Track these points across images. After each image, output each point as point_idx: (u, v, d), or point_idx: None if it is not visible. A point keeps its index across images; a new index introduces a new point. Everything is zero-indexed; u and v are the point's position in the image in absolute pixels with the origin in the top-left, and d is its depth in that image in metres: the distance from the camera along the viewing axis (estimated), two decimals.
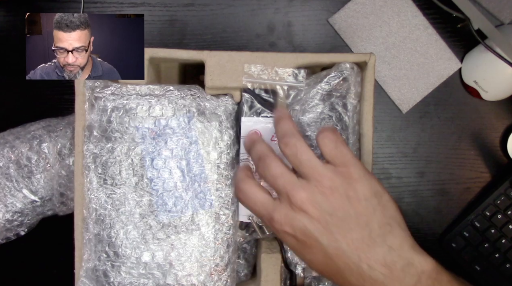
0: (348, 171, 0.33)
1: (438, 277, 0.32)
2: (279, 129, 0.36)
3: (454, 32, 0.56)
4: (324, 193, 0.33)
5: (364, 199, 0.33)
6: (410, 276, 0.32)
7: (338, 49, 0.55)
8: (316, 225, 0.32)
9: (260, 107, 0.42)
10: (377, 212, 0.33)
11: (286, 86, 0.41)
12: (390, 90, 0.55)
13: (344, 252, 0.32)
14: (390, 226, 0.33)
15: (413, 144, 0.56)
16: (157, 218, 0.41)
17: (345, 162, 0.34)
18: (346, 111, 0.43)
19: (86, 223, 0.41)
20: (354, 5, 0.55)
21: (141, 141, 0.41)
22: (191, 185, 0.41)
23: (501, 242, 0.54)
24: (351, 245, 0.32)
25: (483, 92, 0.54)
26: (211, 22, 0.55)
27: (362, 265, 0.32)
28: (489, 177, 0.56)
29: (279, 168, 0.34)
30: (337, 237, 0.32)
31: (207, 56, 0.42)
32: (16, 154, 0.47)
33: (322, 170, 0.33)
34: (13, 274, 0.56)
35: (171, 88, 0.42)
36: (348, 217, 0.32)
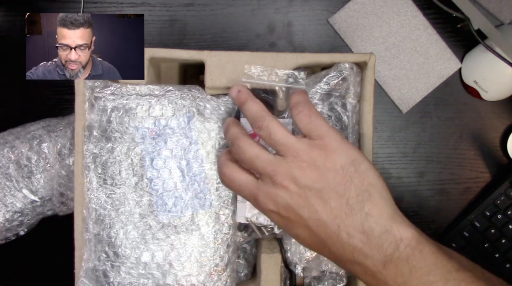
0: (324, 143, 0.34)
1: (418, 246, 0.31)
2: (248, 114, 0.37)
3: (454, 32, 0.56)
4: (302, 167, 0.33)
5: (341, 168, 0.33)
6: (388, 243, 0.31)
7: (338, 49, 0.55)
8: (297, 199, 0.33)
9: None
10: (354, 180, 0.33)
11: (285, 88, 0.41)
12: (390, 90, 0.55)
13: (324, 223, 0.32)
14: (368, 193, 0.33)
15: (413, 143, 0.56)
16: (157, 218, 0.41)
17: (321, 134, 0.34)
18: (345, 111, 0.43)
19: (86, 223, 0.41)
20: (354, 5, 0.55)
21: (141, 141, 0.41)
22: (191, 185, 0.41)
23: (501, 242, 0.54)
24: (330, 214, 0.32)
25: (483, 92, 0.54)
26: (211, 22, 0.55)
27: (342, 233, 0.32)
28: (489, 177, 0.56)
29: (254, 149, 0.35)
30: (316, 208, 0.33)
31: (207, 56, 0.42)
32: (16, 154, 0.47)
33: (298, 145, 0.34)
34: (13, 274, 0.56)
35: (171, 88, 0.42)
36: (326, 187, 0.33)
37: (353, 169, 0.33)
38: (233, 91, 0.39)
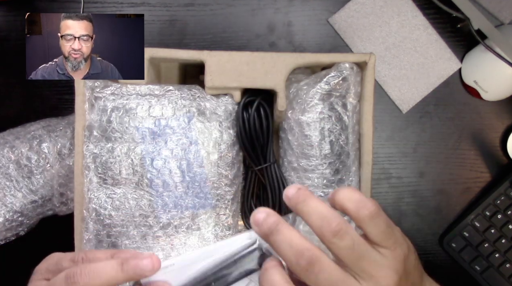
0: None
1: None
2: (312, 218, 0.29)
3: (454, 32, 0.55)
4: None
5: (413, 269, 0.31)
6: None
7: (338, 49, 0.55)
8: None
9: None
10: (417, 270, 0.32)
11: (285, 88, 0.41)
12: (390, 90, 0.55)
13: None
14: (420, 272, 0.33)
15: (413, 143, 0.56)
16: (157, 218, 0.41)
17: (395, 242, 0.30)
18: (346, 111, 0.43)
19: (86, 223, 0.41)
20: (354, 5, 0.55)
21: (141, 141, 0.41)
22: (191, 185, 0.41)
23: (501, 242, 0.54)
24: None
25: (483, 92, 0.54)
26: (211, 22, 0.55)
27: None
28: (489, 177, 0.56)
29: (336, 272, 0.28)
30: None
31: (207, 56, 0.42)
32: (16, 154, 0.47)
33: (380, 262, 0.29)
34: (13, 274, 0.56)
35: (171, 88, 0.42)
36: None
37: (415, 263, 0.32)
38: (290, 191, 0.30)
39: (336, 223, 0.28)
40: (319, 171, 0.42)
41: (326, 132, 0.42)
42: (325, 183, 0.42)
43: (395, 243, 0.29)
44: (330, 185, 0.42)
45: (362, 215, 0.29)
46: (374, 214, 0.29)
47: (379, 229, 0.29)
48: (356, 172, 0.44)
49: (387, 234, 0.29)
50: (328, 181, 0.42)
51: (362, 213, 0.29)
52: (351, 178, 0.43)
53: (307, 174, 0.42)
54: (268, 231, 0.29)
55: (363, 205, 0.29)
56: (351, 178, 0.43)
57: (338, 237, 0.28)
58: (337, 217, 0.28)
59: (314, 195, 0.30)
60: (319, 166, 0.42)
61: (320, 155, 0.42)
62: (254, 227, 0.30)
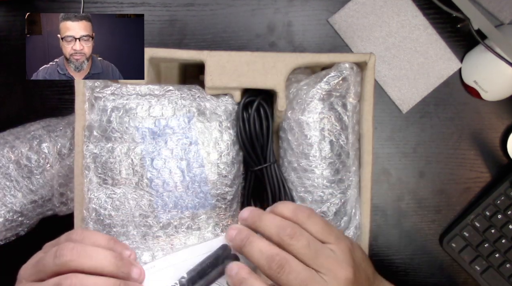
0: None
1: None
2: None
3: (454, 32, 0.55)
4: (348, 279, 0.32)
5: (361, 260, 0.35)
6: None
7: (338, 49, 0.55)
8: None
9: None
10: (365, 263, 0.35)
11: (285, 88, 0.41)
12: (390, 90, 0.55)
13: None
14: (370, 265, 0.37)
15: (413, 143, 0.56)
16: (157, 218, 0.41)
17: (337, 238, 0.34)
18: (346, 111, 0.43)
19: (86, 223, 0.41)
20: (354, 5, 0.55)
21: (141, 141, 0.41)
22: (191, 185, 0.41)
23: (501, 242, 0.54)
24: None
25: (483, 92, 0.54)
26: (211, 22, 0.55)
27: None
28: (489, 177, 0.56)
29: (303, 271, 0.31)
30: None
31: (207, 56, 0.42)
32: (16, 154, 0.47)
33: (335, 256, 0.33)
34: (13, 274, 0.56)
35: (171, 88, 0.42)
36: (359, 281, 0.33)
37: (361, 254, 0.37)
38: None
39: (291, 227, 0.32)
40: (319, 171, 0.42)
41: (326, 132, 0.42)
42: (325, 183, 0.42)
43: (337, 238, 0.33)
44: (330, 185, 0.42)
45: (300, 216, 0.33)
46: (309, 214, 0.33)
47: (318, 226, 0.33)
48: (356, 172, 0.44)
49: (327, 230, 0.33)
50: (328, 181, 0.42)
51: (299, 215, 0.33)
52: (351, 178, 0.43)
53: (307, 174, 0.42)
54: (241, 244, 0.33)
55: (299, 209, 0.33)
56: (351, 178, 0.43)
57: (295, 238, 0.31)
58: (290, 224, 0.32)
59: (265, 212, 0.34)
60: (319, 166, 0.42)
61: (320, 155, 0.42)
62: (228, 242, 0.34)
